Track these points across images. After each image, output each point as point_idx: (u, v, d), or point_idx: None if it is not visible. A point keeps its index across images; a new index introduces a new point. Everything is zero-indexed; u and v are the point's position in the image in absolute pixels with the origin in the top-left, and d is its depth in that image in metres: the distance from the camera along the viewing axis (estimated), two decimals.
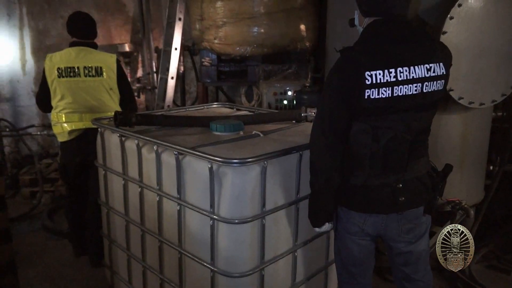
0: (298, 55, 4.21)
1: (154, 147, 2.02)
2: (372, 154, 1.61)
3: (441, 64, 1.60)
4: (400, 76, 1.53)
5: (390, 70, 1.52)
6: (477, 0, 2.28)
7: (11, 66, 5.30)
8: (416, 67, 1.54)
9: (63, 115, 2.90)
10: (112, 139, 2.37)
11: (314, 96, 3.66)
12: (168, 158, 1.98)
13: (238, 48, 4.00)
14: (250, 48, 3.99)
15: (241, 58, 4.15)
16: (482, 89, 2.44)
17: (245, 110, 2.98)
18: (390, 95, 1.53)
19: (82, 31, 2.96)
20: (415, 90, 1.56)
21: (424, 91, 1.57)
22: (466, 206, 2.52)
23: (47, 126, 4.80)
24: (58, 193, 4.38)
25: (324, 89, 1.67)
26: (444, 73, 1.61)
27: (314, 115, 2.51)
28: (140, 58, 5.44)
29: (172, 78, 4.16)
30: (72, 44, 2.95)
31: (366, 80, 1.51)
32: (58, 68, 2.84)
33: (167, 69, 4.22)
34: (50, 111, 3.02)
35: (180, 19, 4.12)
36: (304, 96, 3.73)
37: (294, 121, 2.57)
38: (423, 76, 1.56)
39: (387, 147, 1.60)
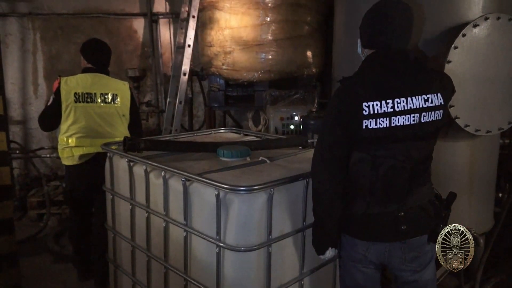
0: (305, 81, 4.26)
1: (162, 173, 2.04)
2: (372, 183, 1.64)
3: (438, 94, 1.63)
4: (398, 107, 1.57)
5: (388, 101, 1.56)
6: (482, 30, 2.31)
7: (24, 89, 5.44)
8: (413, 98, 1.59)
9: (74, 139, 2.92)
10: (121, 164, 2.40)
11: (321, 122, 3.67)
12: (175, 184, 2.00)
13: (245, 73, 4.06)
14: (258, 73, 4.05)
15: (248, 83, 4.21)
16: (488, 117, 2.44)
17: (252, 135, 3.01)
18: (388, 125, 1.57)
19: (98, 59, 3.04)
20: (413, 120, 1.60)
21: (422, 121, 1.61)
22: (475, 234, 2.49)
23: (57, 148, 4.88)
24: (65, 216, 4.39)
25: (323, 119, 1.72)
26: (442, 103, 1.64)
27: None
28: (149, 83, 5.54)
29: (181, 102, 4.22)
30: (86, 70, 3.02)
31: (364, 111, 1.55)
32: (76, 93, 2.88)
33: (176, 94, 4.29)
34: (52, 130, 3.05)
35: (189, 45, 4.21)
36: (310, 121, 3.75)
37: (300, 147, 2.59)
38: (421, 106, 1.60)
39: (387, 176, 1.62)
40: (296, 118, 4.01)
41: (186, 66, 4.21)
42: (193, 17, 4.22)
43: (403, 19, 1.64)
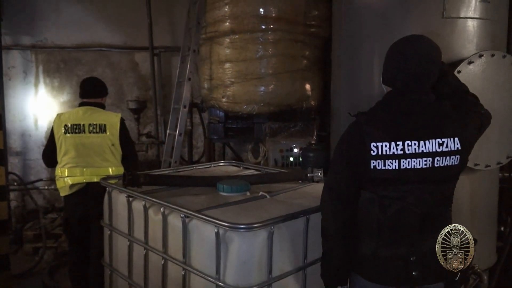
0: (304, 113, 4.30)
1: (161, 209, 2.02)
2: (379, 224, 1.59)
3: (455, 139, 1.56)
4: (408, 150, 1.53)
5: (398, 142, 1.53)
6: (477, 67, 2.36)
7: (24, 121, 5.47)
8: (426, 141, 1.54)
9: (66, 170, 3.01)
10: (120, 199, 2.38)
11: (320, 154, 3.69)
12: (175, 220, 1.97)
13: (245, 106, 4.11)
14: (257, 106, 4.10)
15: (248, 116, 4.25)
16: (487, 151, 2.45)
17: (252, 169, 3.00)
18: (397, 168, 1.54)
19: (88, 92, 3.17)
20: (425, 165, 1.54)
21: (436, 165, 1.55)
22: (478, 270, 2.45)
23: (55, 179, 4.86)
24: (60, 249, 4.32)
25: (333, 157, 1.70)
26: (459, 148, 1.57)
27: (320, 175, 2.54)
28: (149, 114, 5.59)
29: (180, 134, 4.24)
30: (80, 104, 3.16)
31: (372, 151, 1.53)
32: (65, 125, 3.01)
33: (176, 126, 4.32)
34: (54, 166, 3.13)
35: (189, 79, 4.27)
36: (310, 154, 3.76)
37: (300, 181, 2.58)
38: (434, 150, 1.54)
39: (395, 218, 1.58)
40: (296, 150, 4.03)
41: (186, 99, 4.26)
42: (194, 51, 4.31)
43: (424, 58, 1.57)
